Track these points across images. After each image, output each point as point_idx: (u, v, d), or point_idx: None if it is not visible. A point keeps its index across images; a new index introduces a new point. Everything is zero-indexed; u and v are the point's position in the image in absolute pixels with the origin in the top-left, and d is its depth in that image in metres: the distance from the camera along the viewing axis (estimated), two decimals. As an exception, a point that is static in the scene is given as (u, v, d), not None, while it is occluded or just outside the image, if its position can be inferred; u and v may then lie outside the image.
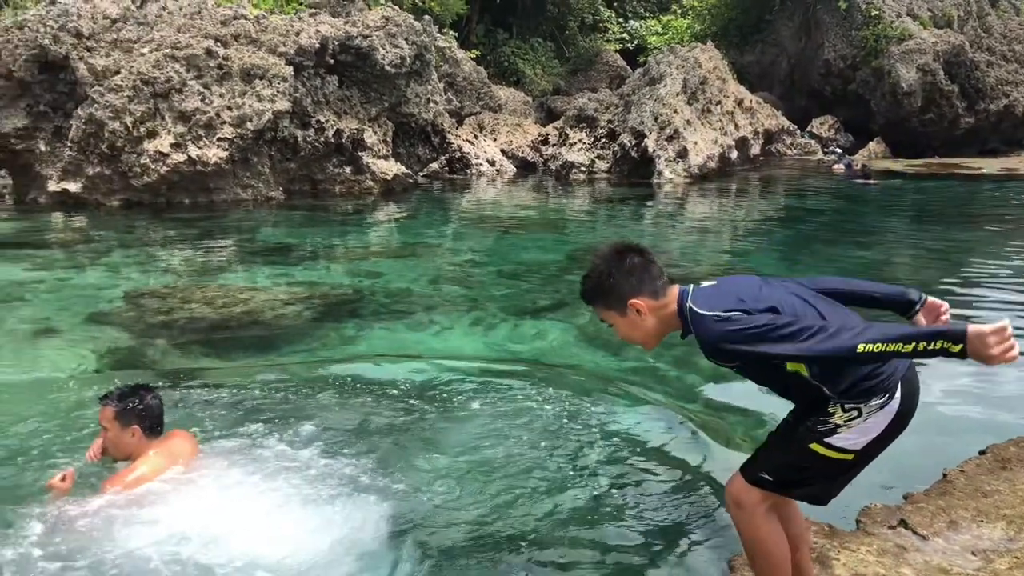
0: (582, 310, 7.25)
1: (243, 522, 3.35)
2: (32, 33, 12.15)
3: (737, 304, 2.43)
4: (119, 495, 3.50)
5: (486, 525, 3.50)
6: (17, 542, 3.27)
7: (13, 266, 8.77)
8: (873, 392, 2.43)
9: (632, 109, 18.72)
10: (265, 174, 13.46)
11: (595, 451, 4.25)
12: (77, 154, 12.24)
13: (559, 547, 3.33)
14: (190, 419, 4.54)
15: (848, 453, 2.48)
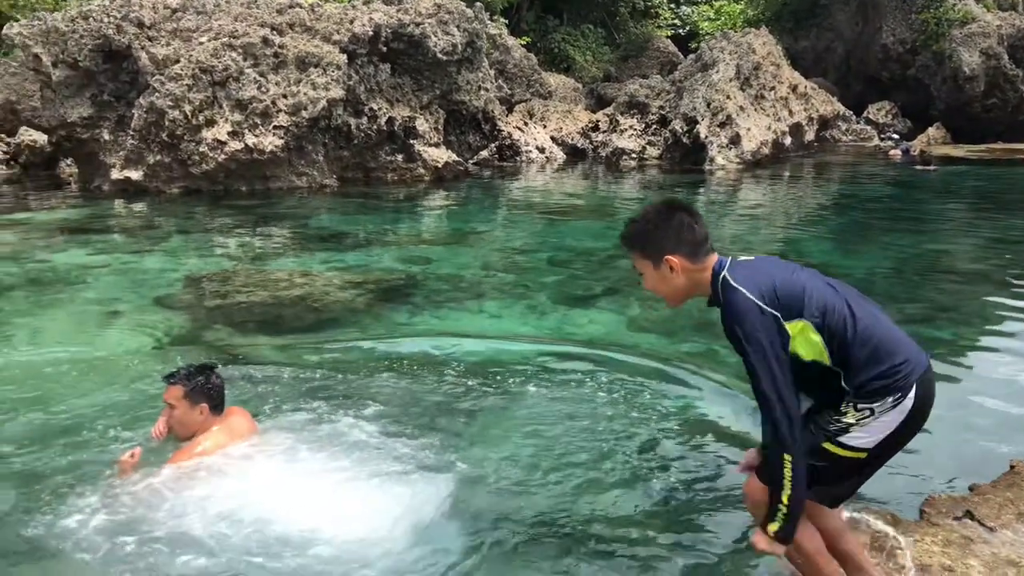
0: (634, 297, 7.24)
1: (304, 498, 3.43)
2: (96, 23, 12.46)
3: (768, 288, 2.46)
4: (185, 469, 3.61)
5: (546, 506, 3.53)
6: (83, 513, 3.40)
7: (79, 250, 9.05)
8: (888, 391, 2.43)
9: (684, 95, 18.52)
10: (319, 162, 13.65)
11: (654, 434, 4.26)
12: (139, 143, 12.54)
13: (619, 530, 3.35)
14: (250, 398, 4.67)
15: (861, 452, 2.49)
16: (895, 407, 2.44)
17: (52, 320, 6.55)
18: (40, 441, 4.15)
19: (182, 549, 3.17)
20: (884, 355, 2.45)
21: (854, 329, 2.46)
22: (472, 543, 3.26)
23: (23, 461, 3.94)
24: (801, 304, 2.45)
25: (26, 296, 7.26)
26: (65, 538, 3.26)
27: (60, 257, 8.74)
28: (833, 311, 2.47)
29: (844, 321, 2.46)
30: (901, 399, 2.44)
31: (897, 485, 3.66)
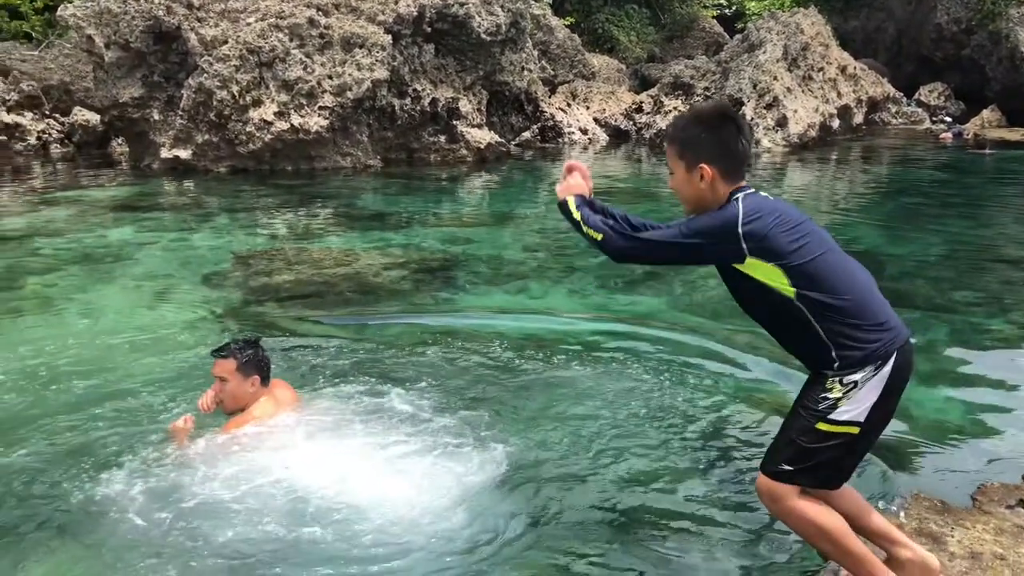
0: (678, 280, 7.21)
1: (355, 471, 3.49)
2: (147, 4, 12.65)
3: (760, 228, 2.49)
4: (237, 439, 3.70)
5: (595, 483, 3.55)
6: (131, 480, 3.50)
7: (130, 227, 9.25)
8: (869, 359, 2.48)
9: (730, 76, 18.26)
10: (363, 142, 13.74)
11: (701, 413, 4.26)
12: (187, 122, 12.74)
13: (669, 508, 3.36)
14: (297, 371, 4.76)
15: (854, 425, 2.51)
16: (876, 375, 2.49)
17: (104, 295, 6.72)
18: (91, 410, 4.27)
19: (228, 518, 3.24)
20: (870, 321, 2.51)
21: (841, 288, 2.51)
22: (522, 519, 3.28)
23: (74, 429, 4.06)
24: (782, 255, 2.49)
25: (80, 271, 7.45)
26: (112, 504, 3.36)
27: (112, 233, 8.95)
28: (817, 263, 2.50)
29: (830, 275, 2.51)
30: (882, 366, 2.49)
31: (949, 473, 3.62)
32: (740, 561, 3.01)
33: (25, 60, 14.81)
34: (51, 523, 3.28)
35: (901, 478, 3.57)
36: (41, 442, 3.92)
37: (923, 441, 4.00)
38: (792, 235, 2.50)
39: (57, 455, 3.79)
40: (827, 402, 2.51)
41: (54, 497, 3.44)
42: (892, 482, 3.52)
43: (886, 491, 3.44)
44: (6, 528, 3.24)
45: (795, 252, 2.49)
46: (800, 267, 2.48)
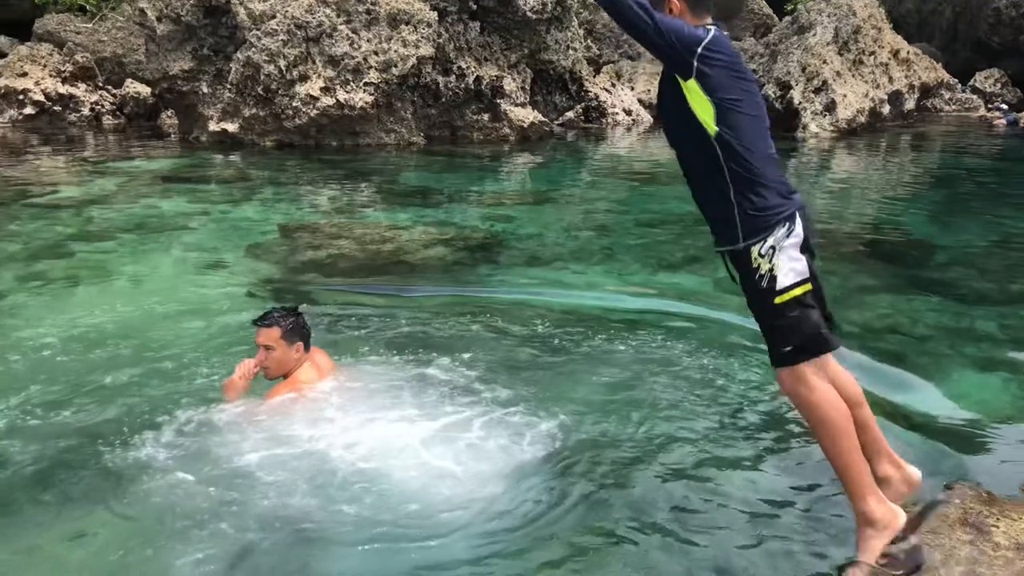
0: (719, 264, 7.16)
1: (398, 438, 3.54)
2: (198, -23, 12.81)
3: (723, 59, 2.69)
4: (282, 404, 3.78)
5: (643, 464, 3.55)
6: (176, 444, 3.59)
7: (179, 199, 9.42)
8: (773, 223, 2.68)
9: (778, 59, 17.97)
10: (407, 119, 13.79)
11: (749, 395, 4.25)
12: (235, 96, 12.89)
13: (711, 486, 3.37)
14: (340, 341, 4.84)
15: (805, 283, 2.71)
16: (789, 236, 2.69)
17: (153, 263, 6.87)
18: (135, 375, 4.38)
19: (268, 485, 3.30)
20: (773, 185, 2.72)
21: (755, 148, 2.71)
22: (570, 497, 3.28)
23: (118, 393, 4.17)
24: (722, 93, 2.68)
25: (130, 240, 7.62)
26: (150, 468, 3.43)
27: (161, 204, 9.12)
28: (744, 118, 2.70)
29: (750, 133, 2.71)
30: (792, 227, 2.70)
31: (997, 464, 3.57)
32: (788, 546, 3.00)
33: (80, 32, 15.07)
34: (85, 486, 3.35)
35: (946, 466, 3.54)
36: (84, 405, 4.03)
37: (971, 431, 3.96)
38: (737, 83, 2.71)
39: (98, 418, 3.89)
40: (764, 278, 2.69)
41: (91, 459, 3.52)
42: (937, 470, 3.49)
43: (931, 479, 3.42)
44: (38, 489, 3.33)
45: (731, 98, 2.68)
46: (729, 111, 2.68)
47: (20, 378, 4.34)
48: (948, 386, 4.51)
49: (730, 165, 2.70)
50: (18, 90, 14.74)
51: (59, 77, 15.20)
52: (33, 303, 5.69)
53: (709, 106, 2.68)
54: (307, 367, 3.98)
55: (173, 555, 2.90)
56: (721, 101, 2.68)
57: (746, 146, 2.69)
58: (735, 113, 2.69)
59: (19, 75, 14.89)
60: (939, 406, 4.24)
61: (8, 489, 3.33)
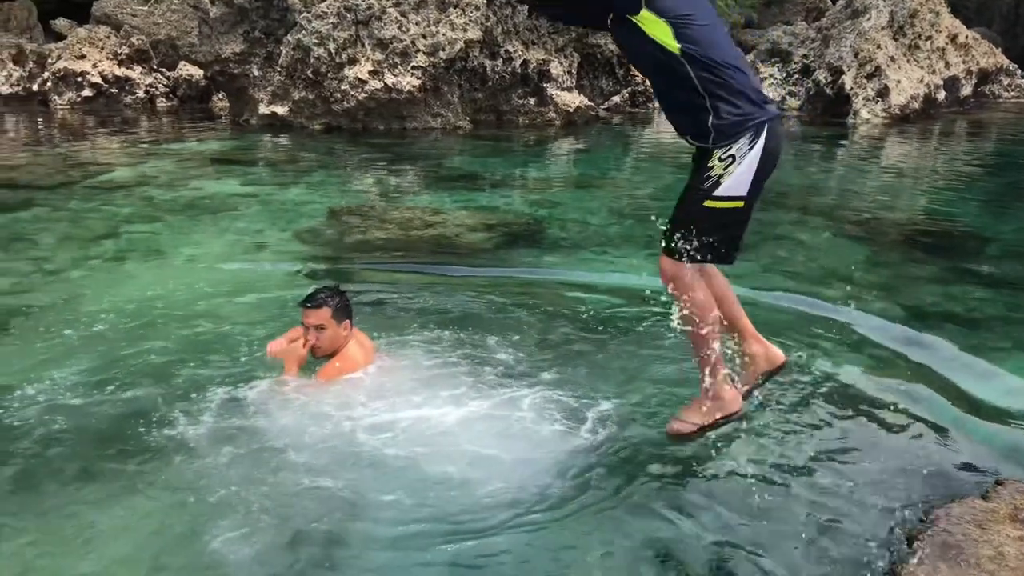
0: (766, 251, 7.11)
1: (446, 419, 3.61)
2: (251, -40, 12.98)
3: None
4: (330, 384, 3.88)
5: (694, 452, 3.54)
6: (225, 421, 3.68)
7: (230, 180, 9.61)
8: (744, 129, 2.83)
9: (830, 44, 17.61)
10: (454, 103, 13.83)
11: (787, 390, 4.21)
12: (285, 79, 13.06)
13: (762, 481, 3.35)
14: (386, 321, 4.94)
15: (737, 200, 2.89)
16: (751, 149, 2.83)
17: (203, 244, 7.04)
18: (183, 353, 4.50)
19: (309, 465, 3.36)
20: (745, 89, 2.85)
21: (723, 50, 2.86)
22: (623, 485, 3.28)
23: (168, 369, 4.29)
24: (672, 12, 2.83)
25: (181, 221, 7.81)
26: (193, 447, 3.52)
27: (212, 186, 9.31)
28: (703, 29, 2.85)
29: (712, 41, 2.85)
30: (755, 139, 2.83)
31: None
32: (835, 545, 2.99)
33: (136, 15, 15.39)
34: (130, 462, 3.42)
35: (994, 460, 3.52)
36: (132, 382, 4.13)
37: (1021, 424, 3.92)
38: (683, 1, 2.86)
39: (146, 395, 3.99)
40: (711, 180, 2.87)
41: (135, 437, 3.60)
42: (984, 464, 3.47)
43: (978, 473, 3.40)
44: (82, 465, 3.42)
45: (683, 13, 2.83)
46: (685, 27, 2.82)
47: (71, 354, 4.49)
48: (1004, 378, 4.44)
49: (700, 76, 2.83)
50: (77, 72, 15.11)
51: (115, 60, 15.54)
52: (87, 281, 5.87)
53: (666, 27, 2.82)
54: (353, 344, 4.07)
55: (213, 536, 2.94)
56: (675, 19, 2.82)
57: (711, 56, 2.83)
58: (691, 27, 2.83)
59: (78, 57, 15.26)
60: (992, 395, 4.19)
61: (54, 464, 3.42)
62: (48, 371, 4.23)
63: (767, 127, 2.86)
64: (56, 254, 6.56)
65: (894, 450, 3.63)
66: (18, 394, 3.97)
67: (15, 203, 8.10)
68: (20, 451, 3.50)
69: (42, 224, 7.45)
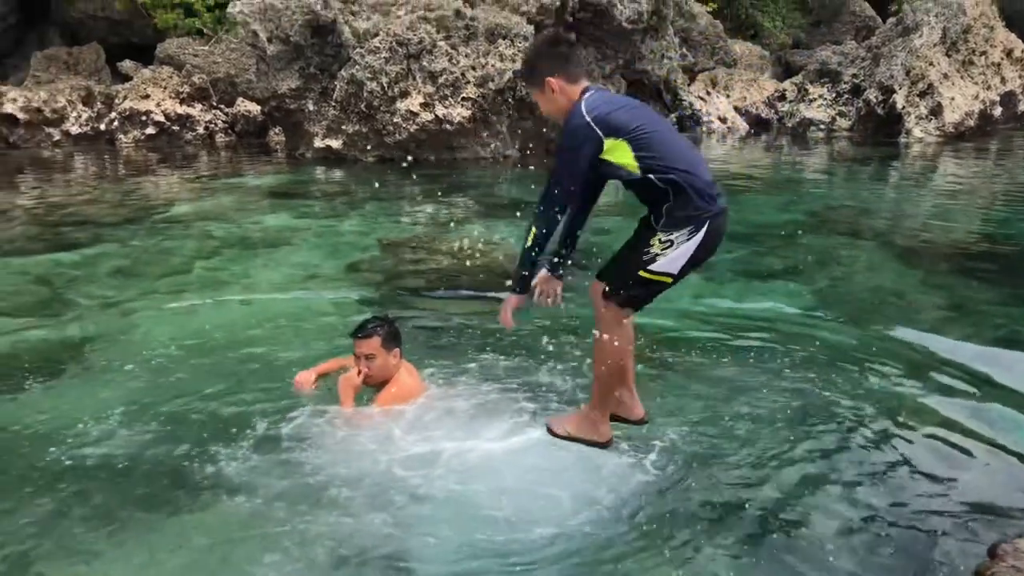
0: (819, 276, 7.08)
1: (502, 449, 3.68)
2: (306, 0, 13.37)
3: (603, 113, 3.11)
4: (382, 414, 3.99)
5: (751, 485, 3.56)
6: (271, 453, 3.77)
7: (286, 213, 9.87)
8: (688, 223, 3.12)
9: (881, 62, 17.45)
10: (503, 133, 14.03)
11: (844, 419, 4.21)
12: (339, 113, 13.40)
13: (808, 515, 3.35)
14: (439, 350, 5.04)
15: (667, 276, 3.22)
16: (689, 239, 3.13)
17: (260, 276, 7.21)
18: (238, 384, 4.63)
19: (356, 499, 3.41)
20: (696, 187, 3.11)
21: (674, 157, 3.12)
22: (681, 522, 3.28)
23: (223, 400, 4.41)
24: (627, 128, 3.09)
25: (239, 253, 8.03)
26: (246, 474, 3.61)
27: (269, 219, 9.57)
28: (655, 139, 3.12)
29: (666, 150, 3.12)
30: (696, 232, 3.13)
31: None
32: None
33: (197, 55, 15.94)
34: (182, 494, 3.50)
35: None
36: (188, 417, 4.25)
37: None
38: (629, 114, 3.13)
39: (200, 427, 4.09)
40: (648, 255, 3.18)
41: (188, 468, 3.70)
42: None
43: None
44: (137, 495, 3.52)
45: (636, 127, 3.09)
46: (640, 139, 3.09)
47: (129, 388, 4.66)
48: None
49: (662, 179, 3.11)
50: (141, 111, 15.72)
51: (178, 98, 16.13)
52: (149, 315, 6.08)
53: (624, 145, 3.11)
54: (404, 372, 4.17)
55: (262, 569, 3.02)
56: (630, 134, 3.10)
57: (667, 164, 3.11)
58: (644, 138, 3.11)
59: (142, 97, 15.87)
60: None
61: (104, 500, 3.51)
62: (106, 406, 4.38)
63: (709, 223, 3.14)
64: (120, 289, 6.81)
65: (962, 480, 3.60)
66: (78, 428, 4.11)
67: (83, 240, 8.45)
68: (74, 486, 3.60)
69: (107, 259, 7.75)
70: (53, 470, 3.73)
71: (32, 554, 3.15)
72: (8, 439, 4.06)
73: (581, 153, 3.14)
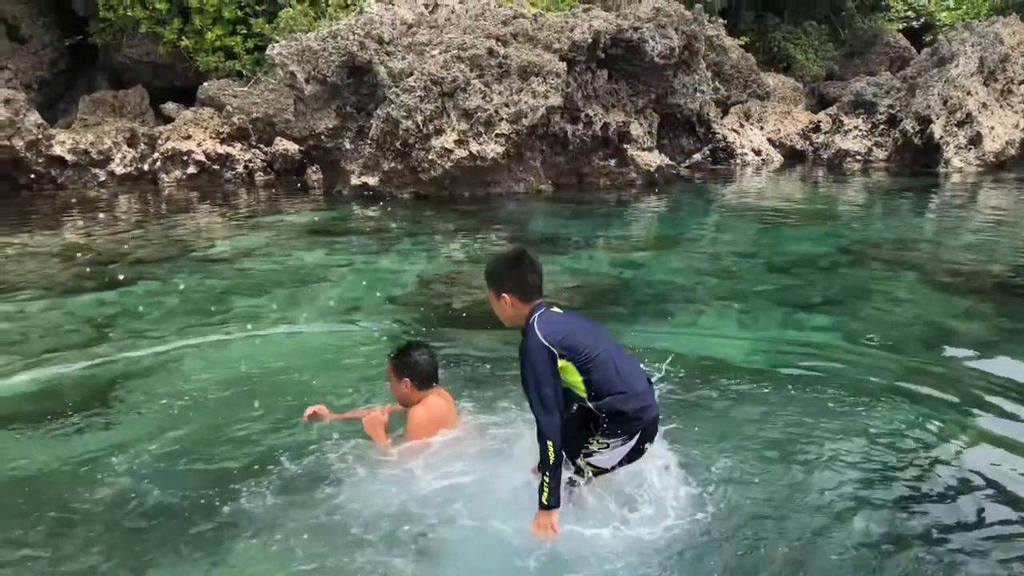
0: (859, 306, 7.00)
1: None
2: (343, 41, 13.65)
3: (557, 336, 3.36)
4: (419, 452, 4.07)
5: (801, 523, 3.58)
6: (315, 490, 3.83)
7: (323, 250, 10.01)
8: (623, 434, 3.41)
9: (917, 92, 17.34)
10: (536, 168, 14.14)
11: (886, 452, 4.17)
12: (375, 151, 13.61)
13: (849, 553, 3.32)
14: (474, 384, 5.07)
15: (603, 469, 3.51)
16: (623, 444, 3.42)
17: (298, 314, 7.28)
18: (277, 419, 4.72)
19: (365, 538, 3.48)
20: (630, 408, 3.38)
21: (613, 380, 3.38)
22: (721, 547, 3.33)
23: (258, 439, 4.51)
24: (575, 352, 3.36)
25: (279, 290, 8.15)
26: (275, 510, 3.70)
27: (307, 256, 9.71)
28: (598, 362, 3.38)
29: (606, 373, 3.38)
30: (628, 440, 3.42)
31: None
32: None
33: (236, 96, 16.31)
34: (217, 527, 3.60)
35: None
36: (221, 452, 4.35)
37: None
38: (575, 339, 3.38)
39: (235, 462, 4.21)
40: (587, 449, 3.47)
41: (227, 502, 3.80)
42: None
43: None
44: (170, 531, 3.61)
45: (583, 351, 3.37)
46: (586, 362, 3.36)
47: (165, 423, 4.77)
48: None
49: (601, 405, 3.39)
50: (183, 151, 16.09)
51: (218, 138, 16.49)
52: (189, 351, 6.19)
53: (572, 368, 3.36)
54: (420, 406, 4.23)
55: None
56: (577, 358, 3.36)
57: (609, 388, 3.38)
58: (590, 362, 3.37)
59: (184, 138, 16.26)
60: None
61: (140, 527, 3.63)
62: (141, 441, 4.50)
63: (641, 432, 3.42)
64: (160, 325, 6.94)
65: (1012, 519, 3.53)
66: (112, 460, 4.24)
67: (127, 277, 8.63)
68: (103, 522, 3.69)
69: (150, 297, 7.91)
70: (83, 507, 3.84)
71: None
72: (46, 475, 4.18)
73: (546, 366, 3.35)
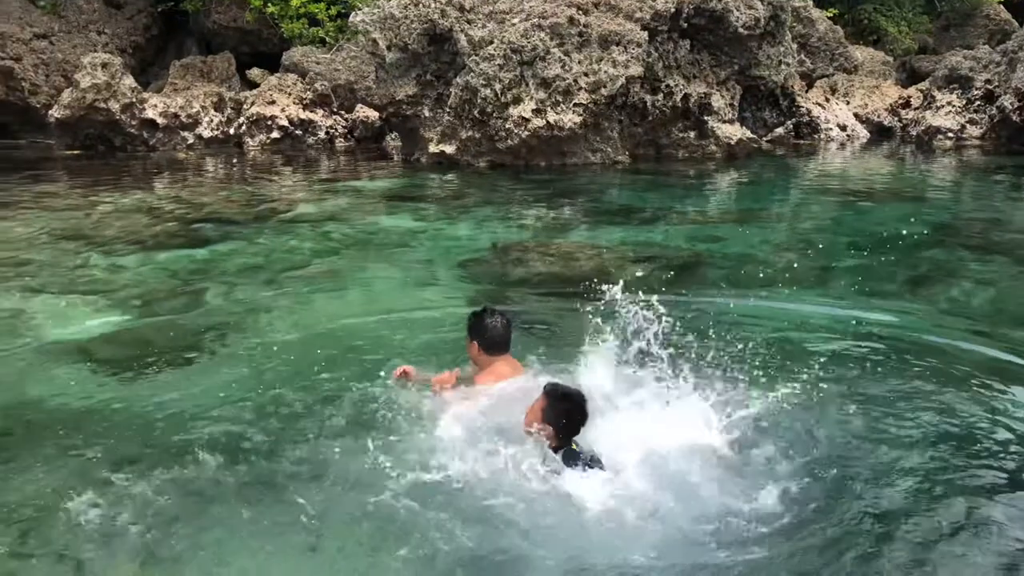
0: (945, 287, 6.80)
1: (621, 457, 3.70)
2: (425, 8, 13.70)
3: None
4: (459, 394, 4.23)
5: (893, 508, 3.49)
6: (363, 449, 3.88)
7: (401, 216, 10.18)
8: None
9: (1018, 67, 16.51)
10: (614, 139, 14.03)
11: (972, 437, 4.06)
12: (453, 119, 13.70)
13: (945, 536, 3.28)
14: (551, 350, 5.09)
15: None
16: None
17: (377, 275, 7.50)
18: (350, 376, 4.77)
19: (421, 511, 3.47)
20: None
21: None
22: (807, 531, 3.27)
23: (335, 395, 4.56)
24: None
25: (357, 253, 8.37)
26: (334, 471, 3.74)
27: (385, 221, 9.90)
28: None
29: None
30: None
31: None
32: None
33: (319, 63, 16.60)
34: (282, 486, 3.66)
35: None
36: (298, 410, 4.43)
37: None
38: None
39: (307, 418, 4.28)
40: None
41: (287, 461, 3.87)
42: None
43: None
44: (221, 476, 3.74)
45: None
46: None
47: (248, 378, 4.94)
48: None
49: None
50: (267, 116, 16.48)
51: (301, 104, 16.81)
52: (272, 309, 6.42)
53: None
54: (486, 371, 4.37)
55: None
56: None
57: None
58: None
59: (268, 103, 16.63)
60: None
61: (213, 474, 3.76)
62: (221, 390, 4.68)
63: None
64: (247, 283, 7.20)
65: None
66: (194, 409, 4.43)
67: (215, 236, 8.95)
68: (177, 474, 3.78)
69: (235, 255, 8.20)
70: (170, 449, 4.01)
71: (166, 526, 3.41)
72: (132, 417, 4.43)
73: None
